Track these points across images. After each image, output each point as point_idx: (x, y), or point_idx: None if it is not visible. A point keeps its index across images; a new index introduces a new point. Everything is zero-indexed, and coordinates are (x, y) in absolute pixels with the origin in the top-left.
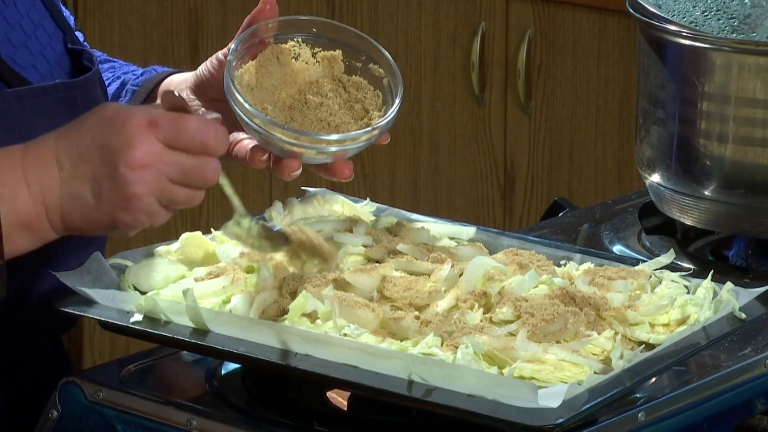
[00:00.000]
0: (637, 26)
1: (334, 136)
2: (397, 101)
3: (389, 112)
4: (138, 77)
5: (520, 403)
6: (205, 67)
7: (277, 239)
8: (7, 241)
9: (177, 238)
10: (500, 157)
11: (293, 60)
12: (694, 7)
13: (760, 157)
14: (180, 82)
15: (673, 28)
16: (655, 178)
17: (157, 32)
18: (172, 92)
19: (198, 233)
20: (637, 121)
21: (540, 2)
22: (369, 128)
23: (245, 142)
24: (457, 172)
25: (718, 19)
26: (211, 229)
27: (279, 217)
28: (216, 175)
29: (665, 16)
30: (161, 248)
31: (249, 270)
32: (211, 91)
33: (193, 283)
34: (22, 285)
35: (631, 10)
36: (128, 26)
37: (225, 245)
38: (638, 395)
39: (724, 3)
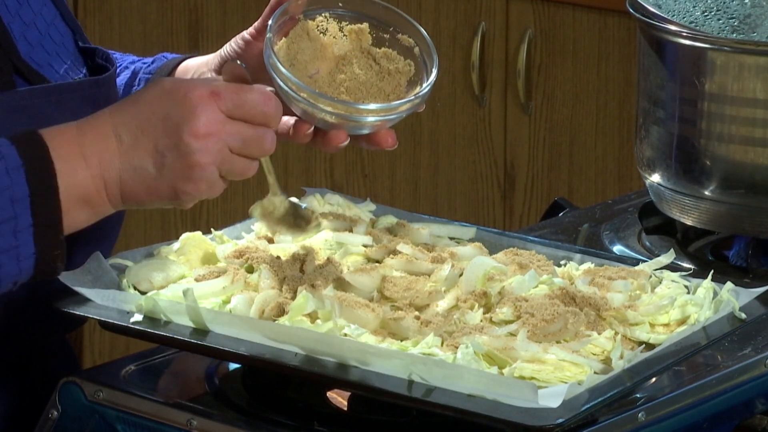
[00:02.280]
0: (637, 26)
1: (380, 106)
2: (434, 69)
3: (429, 80)
4: (149, 65)
5: (520, 403)
6: (230, 47)
7: (303, 219)
8: (66, 216)
9: (177, 238)
10: (500, 157)
11: (322, 35)
12: (694, 7)
13: (760, 157)
14: (200, 65)
15: (673, 28)
16: (655, 178)
17: (157, 32)
18: (235, 62)
19: (198, 233)
20: (637, 121)
21: (540, 2)
22: (412, 97)
23: (285, 118)
24: (457, 172)
25: (718, 19)
26: (211, 229)
27: None
28: (273, 146)
29: (665, 16)
30: (161, 248)
31: (249, 270)
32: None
33: (193, 283)
34: (30, 283)
35: (631, 10)
36: (128, 26)
37: (225, 245)
38: (638, 395)
39: (724, 3)
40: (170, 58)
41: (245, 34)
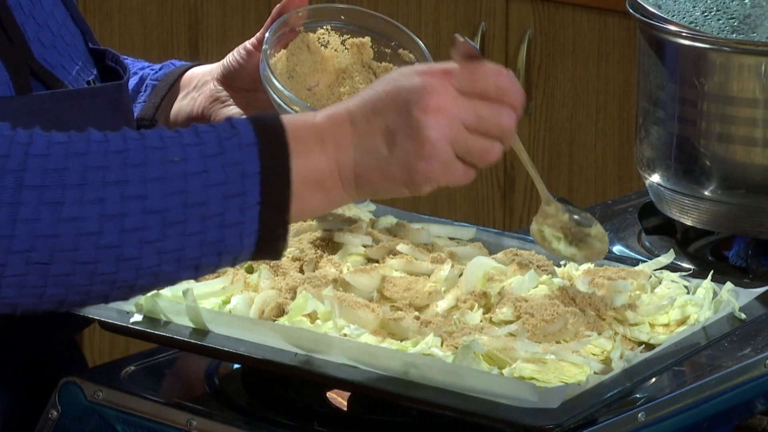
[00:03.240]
0: (637, 26)
1: None
2: None
3: None
4: (156, 72)
5: (520, 403)
6: (232, 57)
7: (585, 228)
8: (297, 199)
9: None
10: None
11: (323, 48)
12: (694, 7)
13: (760, 157)
14: (204, 73)
15: (673, 28)
16: (655, 178)
17: (157, 32)
18: (465, 40)
19: None
20: (637, 121)
21: (540, 2)
22: None
23: None
24: None
25: (718, 20)
26: None
27: None
28: (512, 122)
29: (665, 17)
30: None
31: (249, 270)
32: (240, 82)
33: (193, 283)
34: None
35: (631, 11)
36: (128, 26)
37: None
38: (638, 395)
39: (724, 3)
40: (178, 65)
41: (247, 44)
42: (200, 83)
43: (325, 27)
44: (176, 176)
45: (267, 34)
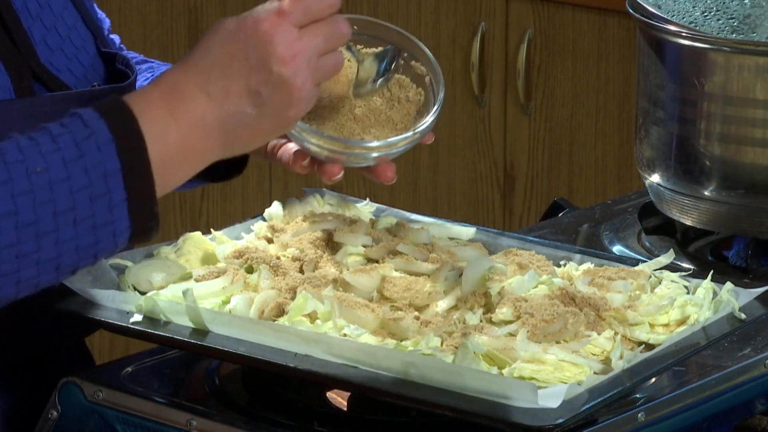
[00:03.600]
0: (637, 26)
1: (375, 143)
2: (437, 105)
3: (429, 116)
4: None
5: (520, 403)
6: None
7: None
8: (162, 180)
9: (177, 238)
10: (500, 157)
11: None
12: (693, 7)
13: (760, 157)
14: None
15: (672, 28)
16: (655, 178)
17: (157, 32)
18: None
19: (198, 233)
20: (637, 121)
21: (540, 2)
22: (410, 133)
23: (289, 145)
24: (457, 173)
25: (718, 20)
26: (211, 230)
27: (278, 218)
28: (346, 24)
29: (665, 17)
30: (161, 248)
31: (249, 270)
32: None
33: (193, 283)
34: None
35: (630, 11)
36: (128, 26)
37: (225, 245)
38: (638, 395)
39: (724, 3)
40: None
41: None
42: None
43: None
44: (42, 187)
45: None
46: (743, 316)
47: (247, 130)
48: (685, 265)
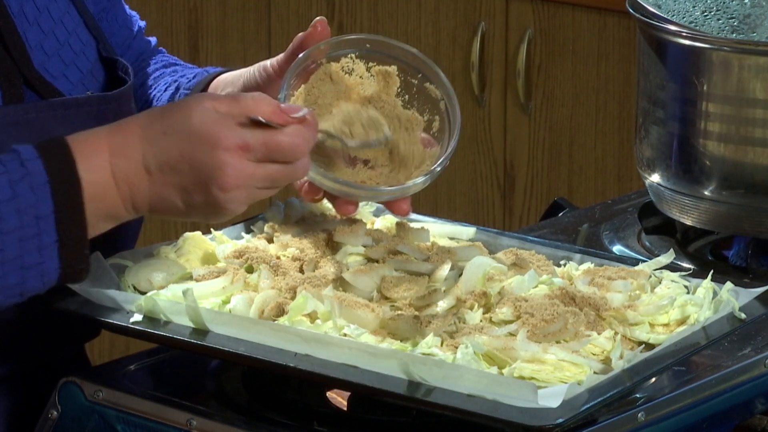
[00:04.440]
0: (637, 26)
1: (387, 189)
2: (452, 145)
3: (443, 156)
4: (190, 80)
5: (520, 403)
6: (252, 75)
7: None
8: (92, 229)
9: (177, 238)
10: (500, 157)
11: (346, 75)
12: (693, 7)
13: (760, 157)
14: (227, 84)
15: (673, 28)
16: (655, 178)
17: (157, 32)
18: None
19: (198, 233)
20: (637, 121)
21: (540, 2)
22: (424, 176)
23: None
24: (457, 172)
25: (718, 19)
26: (211, 229)
27: (278, 218)
28: (305, 172)
29: (665, 16)
30: (161, 248)
31: (249, 270)
32: None
33: (193, 283)
34: (48, 292)
35: (630, 10)
36: None
37: (225, 245)
38: (638, 395)
39: (724, 3)
40: (211, 71)
41: (267, 64)
42: (223, 93)
43: (350, 55)
44: None
45: (285, 76)
46: (743, 315)
47: (172, 215)
48: (685, 265)
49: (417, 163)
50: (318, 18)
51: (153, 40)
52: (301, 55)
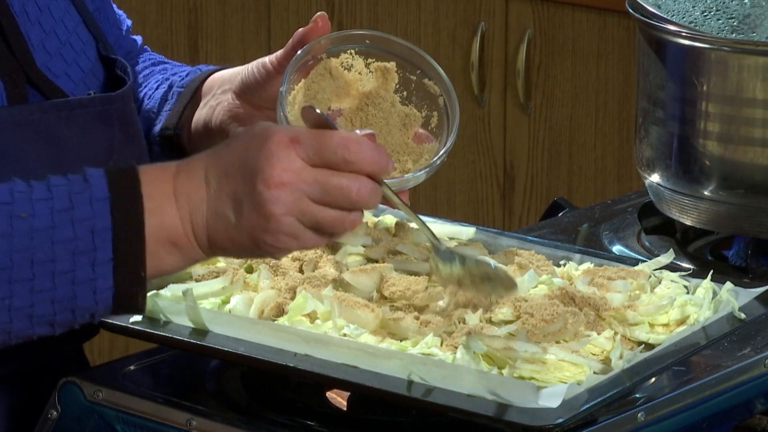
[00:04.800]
0: (637, 26)
1: (387, 182)
2: (450, 139)
3: (443, 150)
4: (183, 78)
5: (520, 403)
6: (250, 72)
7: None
8: (152, 257)
9: None
10: (500, 157)
11: (346, 71)
12: (693, 7)
13: (760, 157)
14: (224, 81)
15: (672, 28)
16: (655, 178)
17: (157, 32)
18: (312, 108)
19: None
20: (636, 121)
21: (540, 2)
22: (421, 171)
23: None
24: (457, 172)
25: (718, 19)
26: None
27: None
28: (365, 193)
29: (665, 16)
30: None
31: (249, 270)
32: (258, 100)
33: (193, 283)
34: None
35: (630, 10)
36: None
37: None
38: (638, 395)
39: (724, 3)
40: (204, 70)
41: (267, 61)
42: (219, 91)
43: (349, 51)
44: (22, 233)
45: (287, 70)
46: (743, 315)
47: (226, 236)
48: (685, 265)
49: (415, 158)
50: (319, 13)
51: (139, 38)
52: (301, 50)
